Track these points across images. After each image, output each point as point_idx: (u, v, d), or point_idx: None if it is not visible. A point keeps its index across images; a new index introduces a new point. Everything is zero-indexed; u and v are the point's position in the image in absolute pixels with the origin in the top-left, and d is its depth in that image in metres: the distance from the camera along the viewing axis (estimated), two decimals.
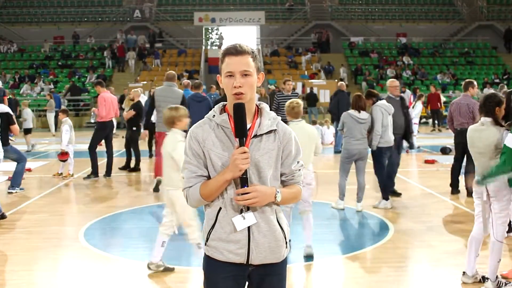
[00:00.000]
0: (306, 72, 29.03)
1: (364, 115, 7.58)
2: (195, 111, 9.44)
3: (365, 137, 7.64)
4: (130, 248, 6.22)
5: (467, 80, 8.87)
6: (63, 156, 10.61)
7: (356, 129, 7.55)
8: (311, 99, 22.70)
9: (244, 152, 2.32)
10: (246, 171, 2.35)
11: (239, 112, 2.35)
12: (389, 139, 7.84)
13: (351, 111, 7.66)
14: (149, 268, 5.26)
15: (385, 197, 7.95)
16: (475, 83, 8.75)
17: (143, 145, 12.57)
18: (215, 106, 2.52)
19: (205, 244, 2.49)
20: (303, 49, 32.01)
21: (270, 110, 2.55)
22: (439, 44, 32.85)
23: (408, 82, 27.93)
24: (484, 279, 4.81)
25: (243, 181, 2.35)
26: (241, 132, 2.35)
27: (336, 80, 25.48)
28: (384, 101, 7.91)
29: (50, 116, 22.39)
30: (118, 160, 12.15)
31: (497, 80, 28.57)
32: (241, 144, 2.35)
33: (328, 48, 32.76)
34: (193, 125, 2.51)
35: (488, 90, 27.12)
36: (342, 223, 7.39)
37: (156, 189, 8.98)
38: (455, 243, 6.26)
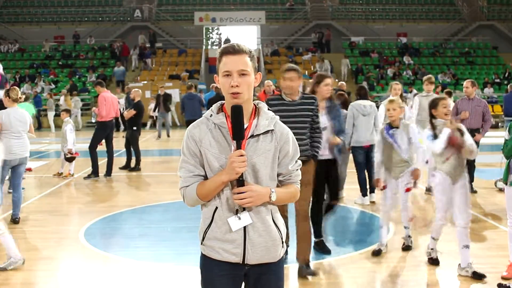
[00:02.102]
0: (306, 72, 29.02)
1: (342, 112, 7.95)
2: (189, 107, 12.14)
3: (346, 132, 7.88)
4: (130, 248, 6.23)
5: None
6: (72, 156, 10.62)
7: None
8: None
9: (241, 155, 2.33)
10: (242, 173, 2.36)
11: (236, 115, 2.35)
12: (363, 138, 8.02)
13: None
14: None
15: (363, 194, 8.28)
16: (475, 82, 8.83)
17: (143, 145, 12.58)
18: (213, 106, 2.52)
19: (202, 243, 2.51)
20: (304, 49, 32.01)
21: None
22: (439, 44, 32.84)
23: (409, 82, 27.93)
24: (477, 275, 4.94)
25: (240, 183, 2.37)
26: (238, 134, 2.36)
27: (336, 80, 25.45)
28: (359, 102, 8.13)
29: (50, 116, 22.49)
30: (119, 160, 12.16)
31: (498, 80, 28.57)
32: (238, 146, 2.36)
33: (329, 48, 32.75)
34: (189, 120, 2.53)
35: (489, 90, 27.20)
36: (342, 223, 7.40)
37: None
38: (454, 242, 6.26)
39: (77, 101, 24.10)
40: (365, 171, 8.23)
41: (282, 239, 2.52)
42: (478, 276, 4.95)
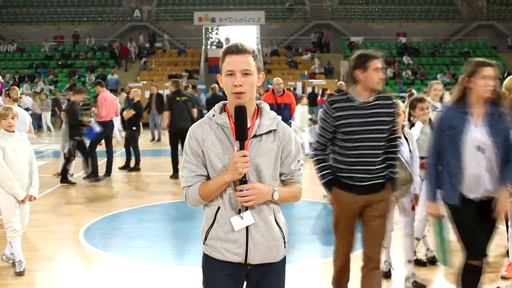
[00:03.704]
0: (306, 71, 29.05)
1: None
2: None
3: None
4: (130, 247, 6.23)
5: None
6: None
7: None
8: (312, 99, 22.73)
9: (244, 156, 2.33)
10: (245, 174, 2.36)
11: (240, 115, 2.35)
12: None
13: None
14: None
15: None
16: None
17: (142, 145, 12.56)
18: (215, 105, 2.53)
19: (204, 243, 2.51)
20: (303, 49, 32.02)
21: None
22: (439, 44, 32.85)
23: (408, 82, 27.98)
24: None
25: (242, 183, 2.37)
26: (241, 135, 2.36)
27: (336, 80, 25.47)
28: None
29: (47, 116, 22.46)
30: (118, 160, 12.15)
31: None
32: (242, 146, 2.36)
33: (328, 48, 32.77)
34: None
35: None
36: None
37: None
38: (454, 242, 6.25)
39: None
40: None
41: (284, 239, 2.53)
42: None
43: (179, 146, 10.32)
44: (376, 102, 3.72)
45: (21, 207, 5.26)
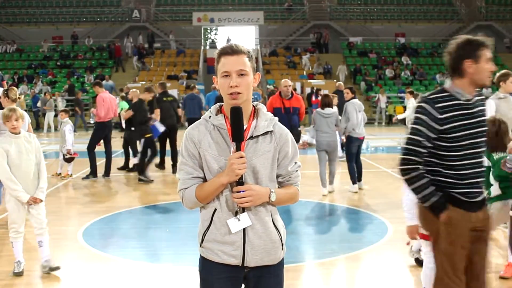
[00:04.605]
0: (305, 72, 29.06)
1: (328, 110, 8.55)
2: (190, 107, 12.36)
3: (332, 130, 8.57)
4: (128, 248, 6.23)
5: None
6: (71, 156, 10.59)
7: (323, 123, 8.52)
8: (310, 99, 22.75)
9: (241, 157, 2.32)
10: (242, 175, 2.35)
11: (236, 116, 2.34)
12: (361, 131, 8.79)
13: (319, 109, 8.72)
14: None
15: (353, 182, 8.88)
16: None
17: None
18: (212, 107, 2.52)
19: (201, 245, 2.50)
20: (302, 49, 32.04)
21: None
22: (437, 44, 32.86)
23: (407, 83, 28.00)
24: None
25: (239, 185, 2.36)
26: (238, 136, 2.35)
27: (334, 80, 25.48)
28: (356, 100, 9.01)
29: (50, 116, 22.44)
30: (117, 160, 12.15)
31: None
32: (238, 148, 2.35)
33: (327, 48, 32.80)
34: (189, 118, 2.53)
35: (487, 91, 27.21)
36: (341, 222, 7.40)
37: None
38: None
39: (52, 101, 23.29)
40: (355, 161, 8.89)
41: (282, 241, 2.51)
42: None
43: (167, 143, 11.38)
44: (476, 99, 3.09)
45: (36, 207, 5.23)
